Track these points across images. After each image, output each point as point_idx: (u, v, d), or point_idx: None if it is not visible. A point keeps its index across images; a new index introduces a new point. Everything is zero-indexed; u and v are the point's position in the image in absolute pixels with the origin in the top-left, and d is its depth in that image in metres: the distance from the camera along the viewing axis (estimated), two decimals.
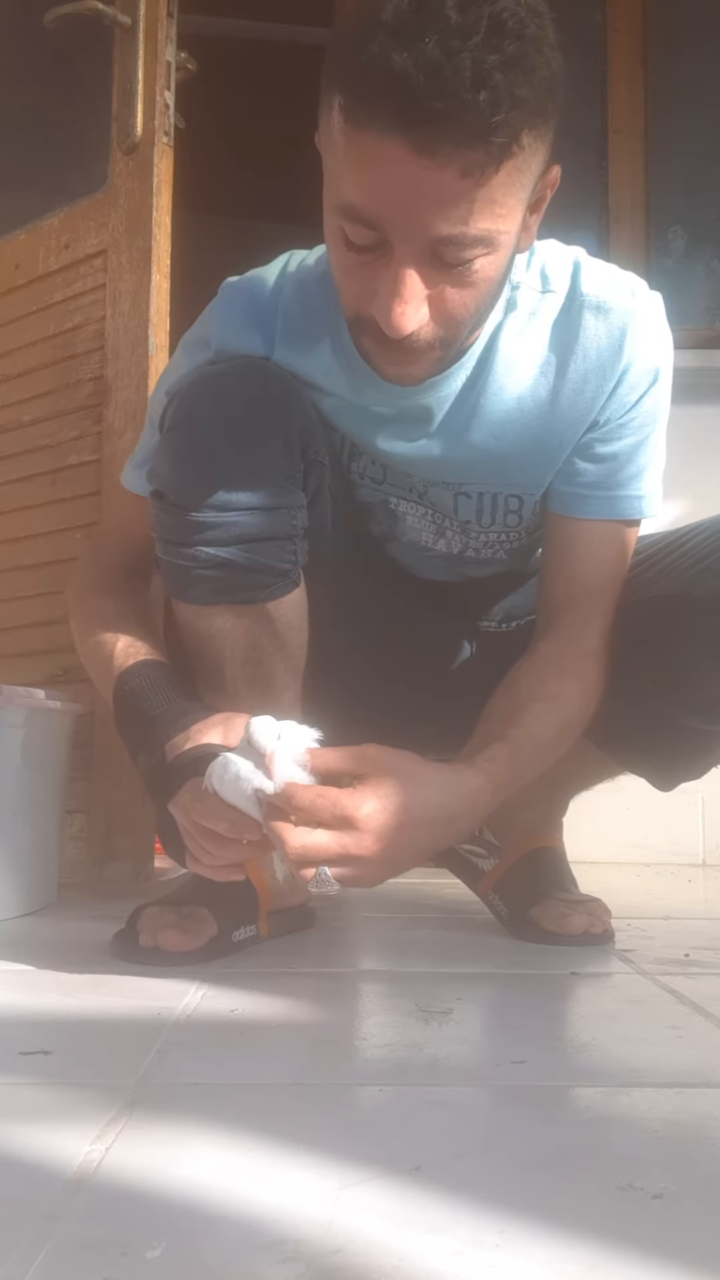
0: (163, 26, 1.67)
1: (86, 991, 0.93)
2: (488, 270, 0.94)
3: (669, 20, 2.50)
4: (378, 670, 1.31)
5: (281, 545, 1.08)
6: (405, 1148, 0.58)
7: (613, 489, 1.14)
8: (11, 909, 1.30)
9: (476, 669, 1.32)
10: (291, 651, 1.13)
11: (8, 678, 1.29)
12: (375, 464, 1.18)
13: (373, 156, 0.86)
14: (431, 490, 1.18)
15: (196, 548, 1.05)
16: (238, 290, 1.16)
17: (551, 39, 0.88)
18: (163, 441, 1.09)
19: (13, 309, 1.85)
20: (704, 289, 2.47)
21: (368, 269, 0.93)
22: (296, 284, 1.14)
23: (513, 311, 1.10)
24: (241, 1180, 0.53)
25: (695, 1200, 0.52)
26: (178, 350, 1.22)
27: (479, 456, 1.14)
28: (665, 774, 1.30)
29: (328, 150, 0.92)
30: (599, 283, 1.10)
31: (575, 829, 1.39)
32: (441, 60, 0.81)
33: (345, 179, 0.90)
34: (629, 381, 1.10)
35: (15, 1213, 0.49)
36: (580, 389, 1.10)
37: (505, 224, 0.91)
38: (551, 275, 1.11)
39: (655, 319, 1.12)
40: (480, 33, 0.82)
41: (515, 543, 1.23)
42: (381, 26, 0.83)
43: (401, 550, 1.27)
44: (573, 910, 1.21)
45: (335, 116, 0.88)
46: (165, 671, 1.07)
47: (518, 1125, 0.63)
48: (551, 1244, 0.46)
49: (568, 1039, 0.84)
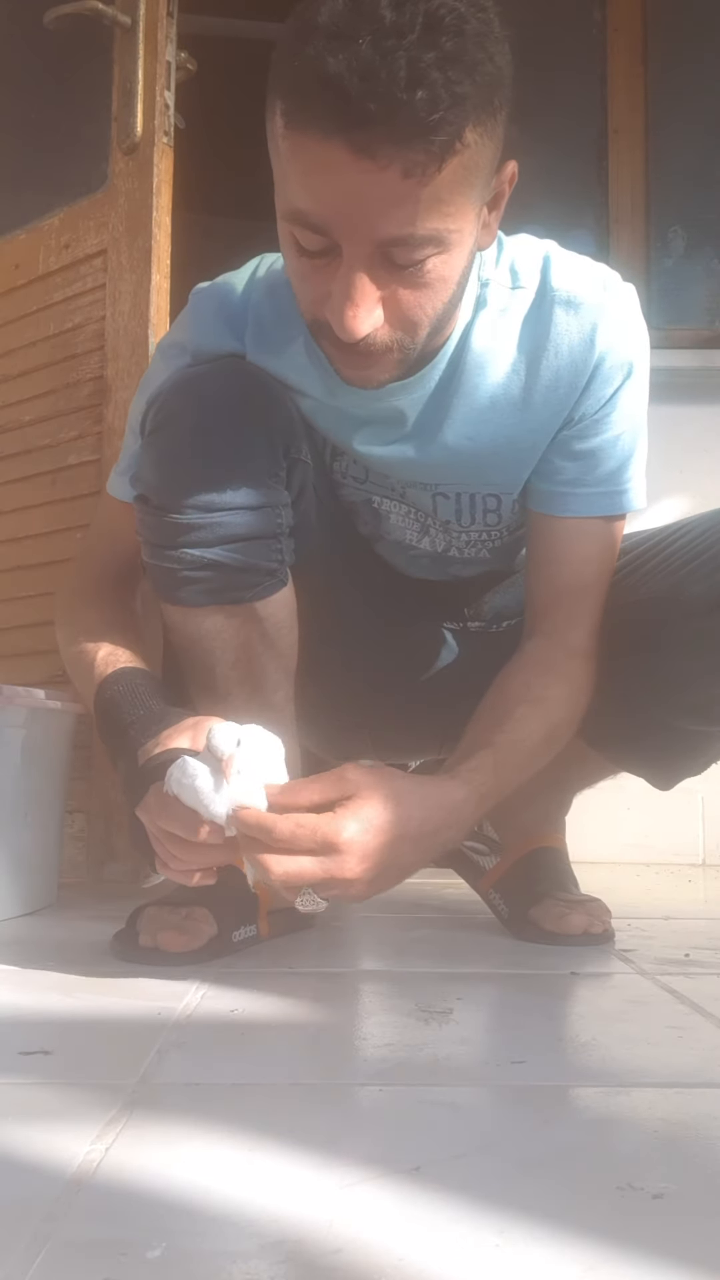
0: (163, 26, 1.67)
1: (86, 991, 0.93)
2: (441, 270, 0.93)
3: (669, 20, 2.50)
4: (370, 670, 1.31)
5: (268, 544, 1.08)
6: (405, 1148, 0.58)
7: (592, 485, 1.13)
8: (11, 909, 1.30)
9: (468, 669, 1.32)
10: (282, 651, 1.13)
11: (8, 678, 1.29)
12: (357, 464, 1.18)
13: (314, 161, 0.86)
14: (410, 491, 1.18)
15: (183, 550, 1.05)
16: (208, 296, 1.15)
17: (496, 33, 0.86)
18: (145, 446, 1.09)
19: (13, 309, 1.85)
20: (704, 289, 2.47)
21: (320, 274, 0.92)
22: (267, 287, 1.13)
23: (483, 309, 1.09)
24: (241, 1180, 0.53)
25: (695, 1200, 0.52)
26: (154, 357, 1.21)
27: (454, 457, 1.13)
28: (663, 774, 1.30)
29: (274, 156, 0.91)
30: (569, 277, 1.09)
31: (576, 828, 1.39)
32: (376, 60, 0.80)
33: (291, 184, 0.89)
34: (602, 376, 1.09)
35: (15, 1213, 0.49)
36: (553, 386, 1.09)
37: (455, 223, 0.90)
38: (521, 271, 1.10)
39: (628, 312, 1.10)
40: (415, 31, 0.81)
41: (497, 541, 1.23)
42: (318, 29, 0.82)
43: (388, 549, 1.27)
44: (573, 910, 1.21)
45: (278, 122, 0.88)
46: (145, 678, 1.07)
47: (518, 1125, 0.63)
48: (551, 1244, 0.46)
49: (568, 1039, 0.84)
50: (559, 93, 2.50)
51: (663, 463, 1.39)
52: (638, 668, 1.14)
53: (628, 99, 2.50)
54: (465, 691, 1.14)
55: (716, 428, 2.29)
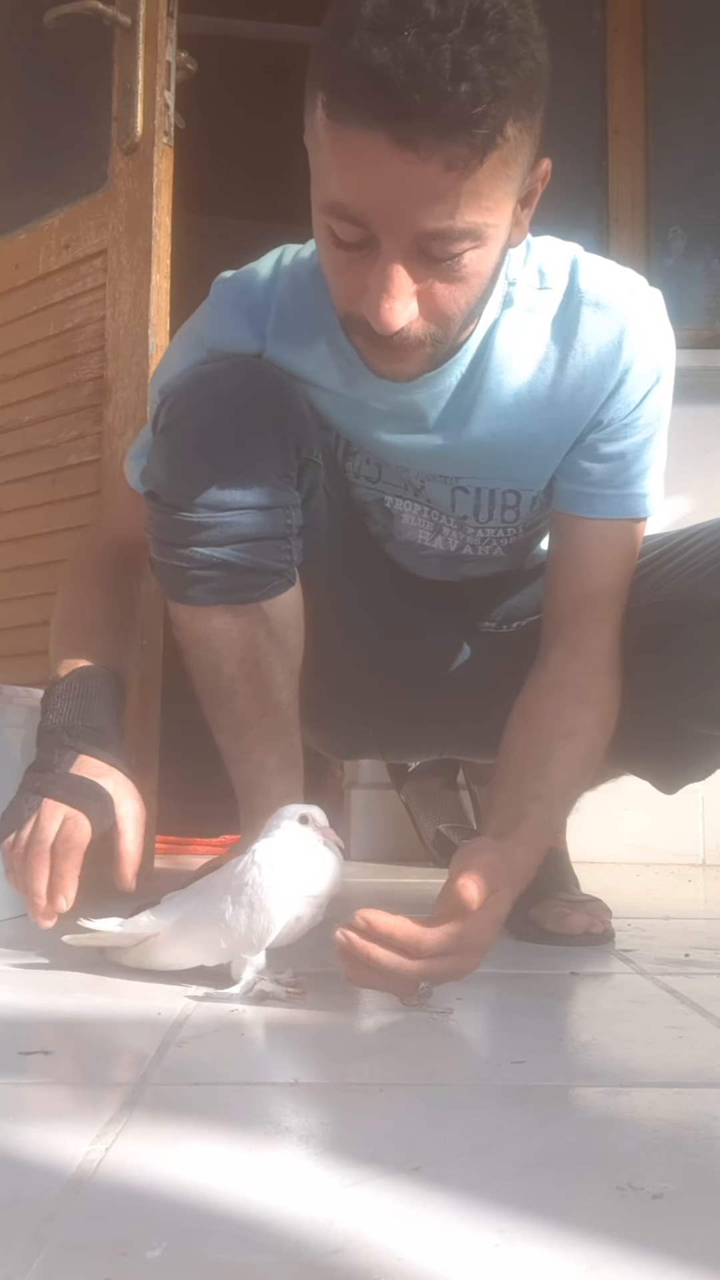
0: (163, 26, 1.67)
1: (86, 991, 0.93)
2: (477, 265, 0.93)
3: (669, 20, 2.50)
4: (376, 670, 1.31)
5: (277, 544, 1.08)
6: (405, 1148, 0.58)
7: (620, 487, 1.13)
8: (11, 909, 1.30)
9: (477, 671, 1.32)
10: (288, 651, 1.13)
11: (8, 678, 1.29)
12: (370, 462, 1.18)
13: (356, 152, 0.86)
14: (429, 485, 1.17)
15: (192, 548, 1.05)
16: (230, 286, 1.15)
17: (536, 30, 0.87)
18: (156, 442, 1.09)
19: (13, 309, 1.85)
20: (704, 289, 2.47)
21: (356, 266, 0.93)
22: (290, 278, 1.13)
23: (509, 308, 1.09)
24: (241, 1180, 0.53)
25: (695, 1200, 0.52)
26: (172, 342, 1.22)
27: (476, 451, 1.13)
28: (670, 777, 1.30)
29: (313, 148, 0.92)
30: (598, 280, 1.09)
31: (576, 829, 1.39)
32: (421, 53, 0.81)
33: (330, 177, 0.90)
34: (632, 380, 1.09)
35: (15, 1213, 0.49)
36: (579, 385, 1.09)
37: (493, 217, 0.91)
38: (548, 272, 1.10)
39: (656, 317, 1.11)
40: (460, 25, 0.82)
41: (512, 538, 1.22)
42: (362, 22, 0.83)
43: (398, 550, 1.26)
44: (573, 910, 1.21)
45: (319, 114, 0.88)
46: (101, 678, 1.12)
47: (518, 1125, 0.63)
48: (552, 1244, 0.46)
49: (568, 1039, 0.84)
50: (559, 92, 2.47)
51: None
52: (651, 670, 1.14)
53: (628, 98, 2.50)
54: (474, 693, 1.14)
55: (717, 428, 2.28)
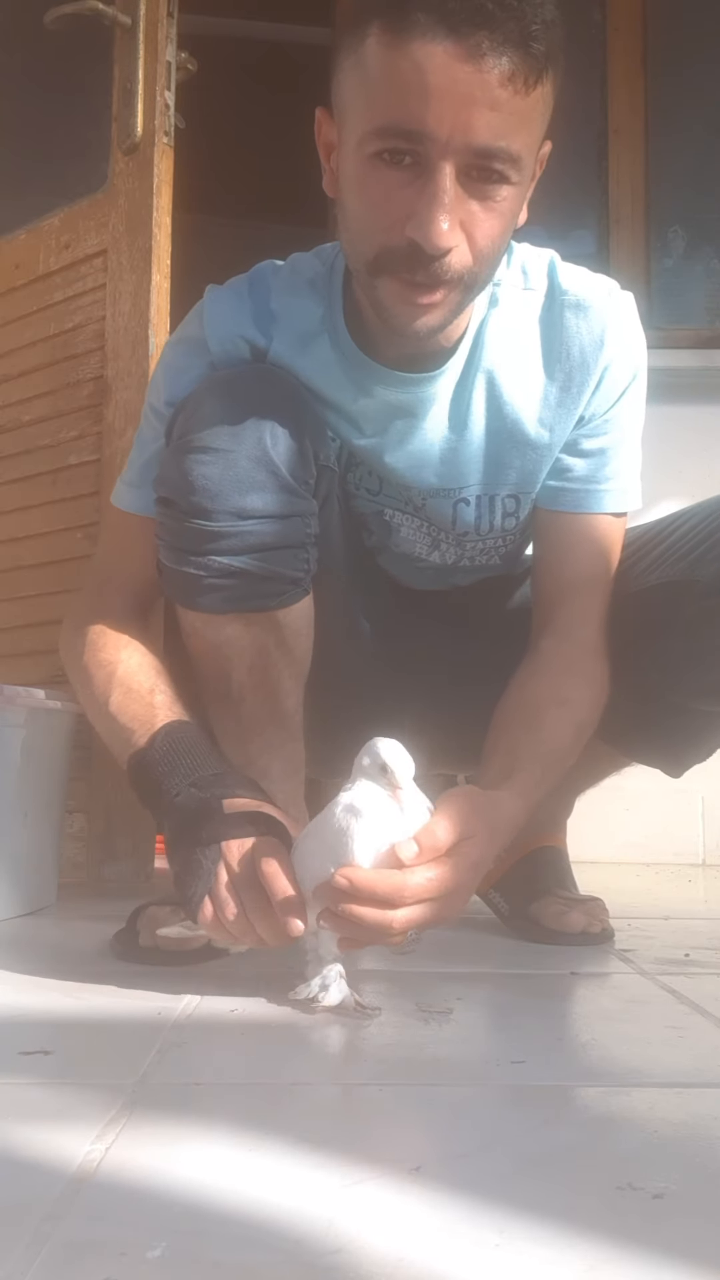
0: (163, 26, 1.67)
1: (86, 991, 0.93)
2: (511, 204, 0.97)
3: (669, 21, 2.50)
4: (370, 676, 1.31)
5: (295, 553, 1.07)
6: (405, 1148, 0.58)
7: (601, 482, 1.16)
8: (11, 909, 1.30)
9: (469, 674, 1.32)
10: (297, 658, 1.13)
11: (8, 678, 1.29)
12: (371, 475, 1.18)
13: (417, 65, 0.89)
14: (431, 502, 1.18)
15: (210, 556, 1.04)
16: (227, 292, 1.15)
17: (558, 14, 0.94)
18: (173, 449, 1.07)
19: (13, 309, 1.85)
20: (704, 289, 2.47)
21: (404, 190, 0.94)
22: (285, 281, 1.14)
23: (495, 307, 1.12)
24: (241, 1180, 0.53)
25: (695, 1200, 0.52)
26: (164, 356, 1.20)
27: (475, 455, 1.14)
28: (677, 759, 1.32)
29: (360, 83, 0.94)
30: (577, 281, 1.14)
31: (576, 829, 1.39)
32: None
33: (383, 99, 0.92)
34: (611, 378, 1.13)
35: (15, 1213, 0.49)
36: (566, 385, 1.13)
37: (529, 156, 0.95)
38: (531, 273, 1.14)
39: (632, 318, 1.15)
40: None
41: (510, 546, 1.24)
42: None
43: (392, 561, 1.27)
44: (572, 908, 1.21)
45: (371, 43, 0.91)
46: (192, 731, 1.03)
47: (518, 1125, 0.63)
48: (552, 1243, 0.46)
49: (568, 1039, 0.84)
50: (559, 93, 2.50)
51: (661, 462, 1.39)
52: (651, 653, 1.16)
53: (628, 100, 2.50)
54: (466, 695, 1.14)
55: (716, 428, 2.29)
